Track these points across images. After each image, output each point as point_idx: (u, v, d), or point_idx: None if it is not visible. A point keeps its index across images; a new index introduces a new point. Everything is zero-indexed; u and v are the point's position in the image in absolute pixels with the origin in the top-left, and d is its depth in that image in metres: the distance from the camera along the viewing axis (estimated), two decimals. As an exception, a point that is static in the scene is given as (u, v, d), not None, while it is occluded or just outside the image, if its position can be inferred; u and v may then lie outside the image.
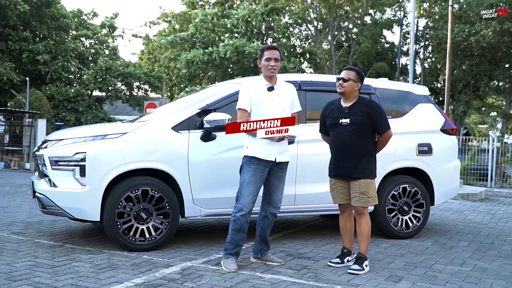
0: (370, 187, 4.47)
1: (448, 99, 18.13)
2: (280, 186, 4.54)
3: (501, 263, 4.98)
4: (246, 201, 4.33)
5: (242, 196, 4.35)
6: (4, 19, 21.68)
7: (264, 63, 4.45)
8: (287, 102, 4.52)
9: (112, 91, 26.15)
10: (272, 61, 4.41)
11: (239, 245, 4.45)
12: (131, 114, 27.72)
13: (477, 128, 45.16)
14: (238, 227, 4.37)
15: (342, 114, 4.51)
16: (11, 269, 4.17)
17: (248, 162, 4.37)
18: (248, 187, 4.34)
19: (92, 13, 28.80)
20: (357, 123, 4.43)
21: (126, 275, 4.10)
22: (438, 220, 7.50)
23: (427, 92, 6.65)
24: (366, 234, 4.50)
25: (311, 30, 28.38)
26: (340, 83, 4.49)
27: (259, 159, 4.34)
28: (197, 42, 26.12)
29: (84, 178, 4.77)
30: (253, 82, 4.52)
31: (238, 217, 4.35)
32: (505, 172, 14.87)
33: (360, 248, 4.51)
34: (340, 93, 4.52)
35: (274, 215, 4.58)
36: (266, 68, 4.44)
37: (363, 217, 4.51)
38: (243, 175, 4.39)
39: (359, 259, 4.46)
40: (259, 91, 4.41)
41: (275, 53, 4.45)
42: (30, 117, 18.31)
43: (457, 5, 20.78)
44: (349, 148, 4.45)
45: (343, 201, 4.61)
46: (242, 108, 4.40)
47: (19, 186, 10.78)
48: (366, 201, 4.46)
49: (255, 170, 4.35)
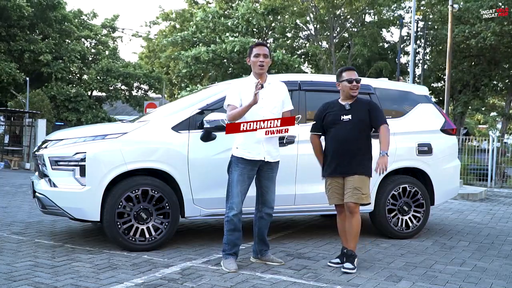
0: (364, 183, 4.45)
1: (448, 99, 18.12)
2: (271, 187, 4.52)
3: (501, 263, 4.98)
4: (236, 201, 4.35)
5: (232, 196, 4.37)
6: (7, 21, 21.69)
7: (253, 60, 4.44)
8: (277, 101, 4.49)
9: (112, 91, 26.19)
10: (261, 57, 4.41)
11: (236, 244, 4.45)
12: (131, 114, 27.73)
13: (476, 128, 45.16)
14: (232, 227, 4.38)
15: (344, 111, 4.53)
16: (11, 269, 4.17)
17: (236, 161, 4.39)
18: (236, 186, 4.35)
19: (92, 14, 28.83)
20: (358, 119, 4.47)
21: (126, 275, 4.10)
22: (438, 220, 7.50)
23: (427, 92, 6.65)
24: (356, 233, 4.49)
25: (311, 30, 28.40)
26: (355, 85, 4.51)
27: (247, 160, 4.36)
28: (197, 41, 26.13)
29: (84, 178, 4.77)
30: (243, 81, 4.54)
31: (231, 217, 4.36)
32: (505, 172, 14.87)
33: (349, 245, 4.50)
34: (354, 96, 4.54)
35: (270, 215, 4.58)
36: (255, 64, 4.43)
37: (354, 216, 4.45)
38: (232, 175, 4.41)
39: (351, 256, 4.46)
40: (248, 90, 4.39)
41: (264, 49, 4.44)
42: (30, 117, 18.31)
43: (457, 5, 20.77)
44: (349, 144, 4.46)
45: (339, 201, 4.58)
46: (231, 104, 4.39)
47: (19, 186, 10.78)
48: (359, 197, 4.40)
49: (243, 169, 4.36)
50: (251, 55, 4.46)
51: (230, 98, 4.42)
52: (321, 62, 26.67)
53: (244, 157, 4.35)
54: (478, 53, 24.56)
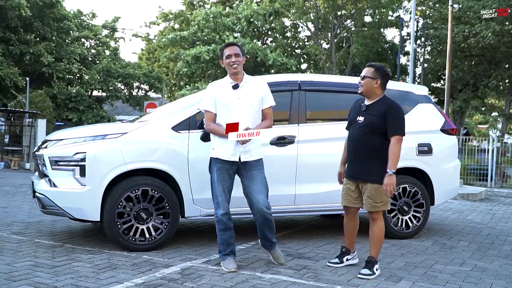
0: (378, 192, 4.25)
1: (448, 99, 18.12)
2: (253, 186, 4.40)
3: (501, 263, 4.98)
4: (221, 199, 4.37)
5: (216, 196, 4.40)
6: (5, 21, 21.69)
7: (225, 61, 4.44)
8: (255, 99, 4.44)
9: (112, 91, 26.20)
10: (232, 57, 4.40)
11: (230, 243, 4.44)
12: (131, 114, 27.71)
13: (476, 128, 45.14)
14: (223, 227, 4.40)
15: (360, 112, 4.39)
16: (11, 269, 4.17)
17: (214, 162, 4.43)
18: (218, 186, 4.39)
19: (91, 14, 28.83)
20: (369, 122, 4.27)
21: (126, 275, 4.10)
22: (438, 220, 7.50)
23: (427, 92, 6.65)
24: (378, 239, 4.35)
25: (311, 29, 28.38)
26: (359, 81, 4.41)
27: (223, 160, 4.38)
28: (197, 41, 26.11)
29: (84, 178, 4.77)
30: (218, 83, 4.54)
31: (220, 216, 4.37)
32: (505, 172, 14.87)
33: (371, 252, 4.39)
34: (359, 93, 4.42)
35: (262, 214, 4.42)
36: (228, 65, 4.43)
37: (375, 222, 4.35)
38: (212, 175, 4.44)
39: (369, 263, 4.34)
40: (223, 91, 4.41)
41: (234, 49, 4.44)
42: (30, 117, 18.31)
43: (457, 5, 20.76)
44: (359, 147, 4.33)
45: (349, 204, 4.49)
46: (206, 110, 4.44)
47: (19, 186, 10.78)
48: (373, 206, 4.29)
49: (221, 169, 4.39)
50: (223, 57, 4.46)
51: (205, 104, 4.46)
52: (321, 62, 26.66)
53: (220, 157, 4.40)
54: (479, 52, 24.55)
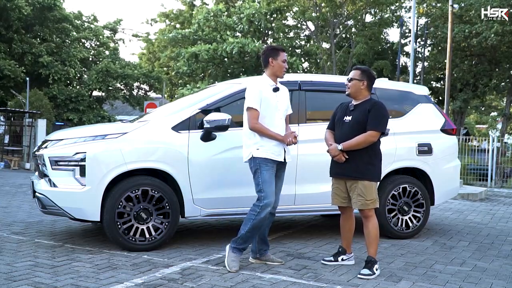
0: (368, 189, 4.32)
1: (448, 98, 18.11)
2: (279, 186, 4.57)
3: (501, 263, 4.98)
4: (272, 200, 4.34)
5: (268, 195, 4.30)
6: (7, 21, 21.71)
7: (279, 63, 4.48)
8: (287, 104, 4.59)
9: (111, 91, 26.21)
10: (286, 63, 4.52)
11: (251, 242, 4.48)
12: (131, 114, 27.74)
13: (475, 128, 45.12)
14: (260, 225, 4.36)
15: (348, 111, 4.49)
16: (11, 269, 4.17)
17: (264, 161, 4.35)
18: (270, 185, 4.34)
19: (93, 17, 28.83)
20: (356, 120, 4.37)
21: (126, 275, 4.10)
22: (438, 220, 7.50)
23: (427, 92, 6.65)
24: (373, 237, 4.36)
25: (311, 29, 28.40)
26: (346, 83, 4.49)
27: (273, 160, 4.38)
28: (198, 40, 26.12)
29: (84, 178, 4.77)
30: (261, 82, 4.50)
31: (266, 214, 4.32)
32: (505, 172, 14.87)
33: (369, 251, 4.39)
34: (346, 94, 4.50)
35: (273, 215, 4.61)
36: (281, 69, 4.49)
37: (368, 220, 4.37)
38: (263, 175, 4.33)
39: (369, 263, 4.34)
40: (267, 92, 4.43)
41: (286, 56, 4.57)
42: (30, 117, 18.31)
43: (457, 5, 20.76)
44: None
45: (339, 203, 4.55)
46: (252, 108, 4.35)
47: (19, 186, 10.78)
48: (364, 203, 4.32)
49: (272, 168, 4.39)
50: (277, 58, 4.47)
51: (252, 101, 4.35)
52: (321, 62, 26.67)
53: (270, 158, 4.36)
54: (479, 52, 24.55)
